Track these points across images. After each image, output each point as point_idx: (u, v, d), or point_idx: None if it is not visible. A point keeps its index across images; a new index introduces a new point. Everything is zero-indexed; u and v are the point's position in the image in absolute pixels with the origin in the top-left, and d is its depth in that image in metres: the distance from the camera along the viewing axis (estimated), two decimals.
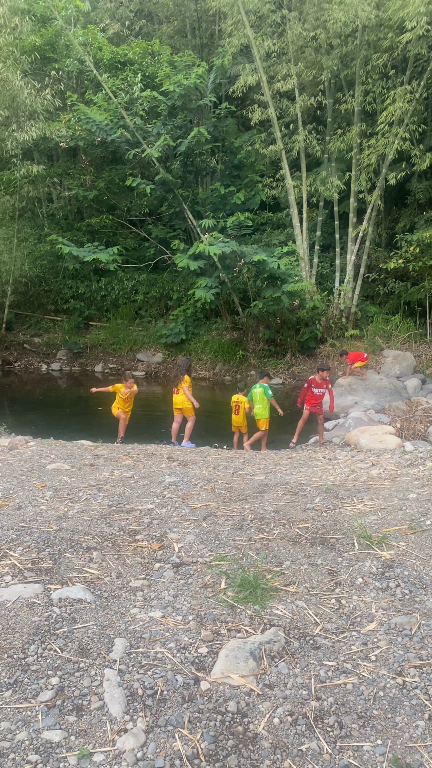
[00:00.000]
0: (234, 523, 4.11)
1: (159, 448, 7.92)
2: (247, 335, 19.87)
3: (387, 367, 17.57)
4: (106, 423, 13.80)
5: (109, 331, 21.52)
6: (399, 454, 6.84)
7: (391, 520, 4.01)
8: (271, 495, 4.86)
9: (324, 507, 4.42)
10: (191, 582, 3.23)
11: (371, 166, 18.01)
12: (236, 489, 5.09)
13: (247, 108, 19.83)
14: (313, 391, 10.24)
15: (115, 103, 17.56)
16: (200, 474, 5.70)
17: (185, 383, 9.85)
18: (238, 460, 7.07)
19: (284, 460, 7.44)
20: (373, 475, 5.46)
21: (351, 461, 6.82)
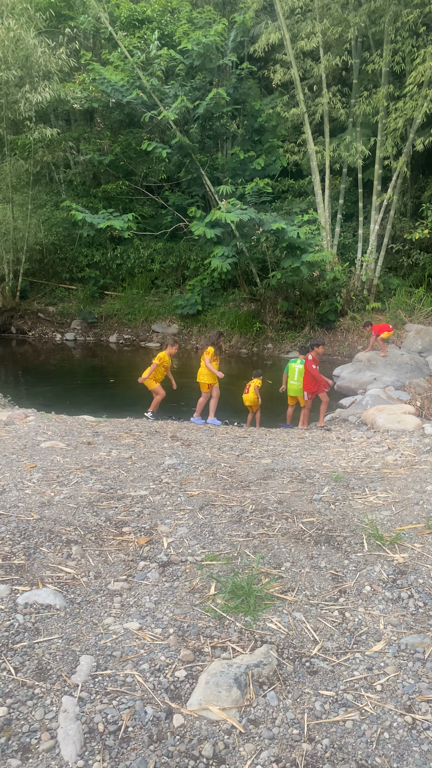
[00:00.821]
0: (232, 514, 3.75)
1: (164, 426, 7.57)
2: (265, 307, 19.34)
3: (409, 341, 16.98)
4: (117, 395, 13.53)
5: (124, 300, 21.12)
6: (418, 437, 6.41)
7: (405, 517, 3.61)
8: (276, 482, 4.48)
9: (332, 498, 4.03)
10: (177, 586, 2.88)
11: (398, 131, 17.16)
12: (239, 474, 4.72)
13: (269, 68, 18.96)
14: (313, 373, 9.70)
15: (131, 62, 16.85)
16: (203, 456, 5.34)
17: (207, 354, 9.40)
18: (246, 440, 6.69)
19: (295, 441, 7.05)
20: (389, 462, 5.05)
21: (366, 444, 6.41)
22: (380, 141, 17.97)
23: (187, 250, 21.21)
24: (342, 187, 19.52)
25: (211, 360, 9.28)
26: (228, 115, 19.62)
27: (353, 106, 18.05)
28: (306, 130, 18.35)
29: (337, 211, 19.63)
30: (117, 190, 21.51)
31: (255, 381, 10.10)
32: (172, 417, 9.96)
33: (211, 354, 9.33)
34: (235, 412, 11.35)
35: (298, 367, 9.89)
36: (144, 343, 20.08)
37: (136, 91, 16.74)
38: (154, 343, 19.94)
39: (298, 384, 9.78)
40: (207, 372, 9.36)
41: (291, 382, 9.88)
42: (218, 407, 10.14)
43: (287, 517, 3.70)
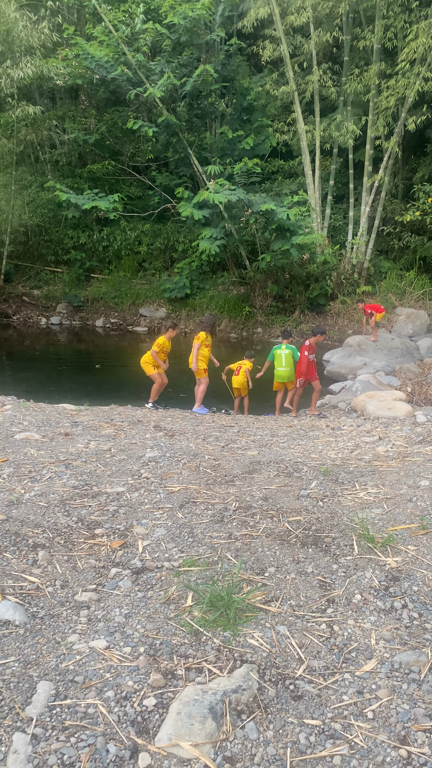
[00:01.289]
0: (214, 513, 3.51)
1: (147, 415, 7.31)
2: (255, 290, 19.04)
3: (399, 325, 16.78)
4: (103, 381, 13.24)
5: (111, 283, 20.74)
6: (409, 425, 6.19)
7: (398, 515, 3.39)
8: (262, 476, 4.25)
9: (321, 494, 3.80)
10: (151, 596, 2.64)
11: (389, 110, 16.80)
12: (224, 467, 4.48)
13: (258, 44, 18.46)
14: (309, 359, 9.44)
15: (116, 37, 16.33)
16: (186, 447, 5.10)
17: (197, 340, 9.03)
18: (233, 430, 6.45)
19: (284, 429, 6.82)
20: (380, 453, 4.83)
21: (356, 433, 6.19)
22: (371, 120, 17.61)
23: (175, 232, 20.82)
24: (332, 167, 19.17)
25: (201, 346, 8.95)
26: (216, 94, 19.14)
27: (344, 84, 17.65)
28: (296, 109, 17.94)
29: (328, 192, 19.29)
30: (103, 170, 21.03)
31: (246, 363, 9.80)
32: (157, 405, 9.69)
33: (201, 340, 8.98)
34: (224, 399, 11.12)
35: (284, 352, 9.60)
36: (131, 327, 19.76)
37: (121, 67, 16.24)
38: (141, 327, 19.63)
39: (286, 370, 9.50)
40: (201, 358, 9.02)
41: (278, 369, 9.59)
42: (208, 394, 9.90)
43: (272, 515, 3.46)
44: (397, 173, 20.51)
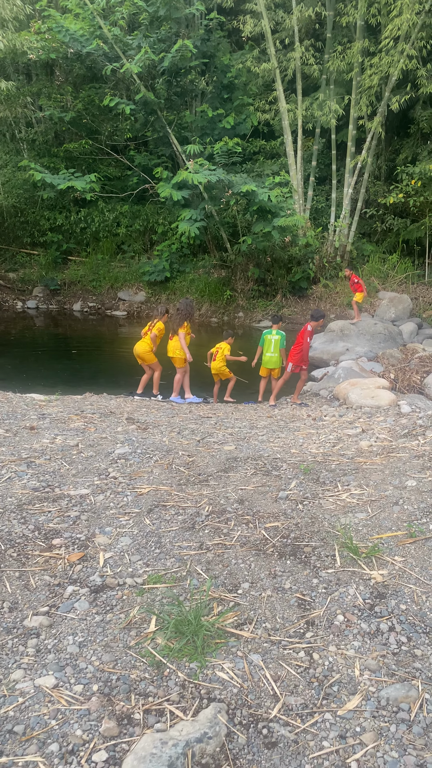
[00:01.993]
0: (185, 519, 3.23)
1: (121, 405, 6.99)
2: (236, 274, 18.67)
3: (382, 309, 16.57)
4: (80, 368, 12.86)
5: (89, 266, 20.23)
6: (393, 416, 5.95)
7: (384, 521, 3.13)
8: (238, 475, 3.97)
9: (301, 496, 3.54)
10: (110, 620, 2.36)
11: (373, 89, 16.42)
12: (198, 465, 4.20)
13: (238, 19, 17.92)
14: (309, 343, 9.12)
15: (91, 9, 15.70)
16: (159, 442, 4.80)
17: (183, 330, 8.64)
18: (210, 421, 6.16)
19: (263, 420, 6.54)
20: (363, 448, 4.57)
21: (338, 424, 5.93)
22: (354, 100, 17.23)
23: (154, 213, 20.32)
24: (315, 148, 18.78)
25: (185, 335, 8.59)
26: (196, 71, 18.61)
27: (327, 62, 17.21)
28: (277, 87, 17.49)
29: (310, 173, 18.91)
30: (80, 149, 20.38)
31: (224, 345, 9.39)
32: (132, 393, 9.37)
33: (187, 330, 8.62)
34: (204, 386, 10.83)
35: (273, 338, 9.27)
36: (110, 311, 19.33)
37: (96, 41, 15.65)
38: (120, 311, 19.21)
39: (274, 356, 9.23)
40: (180, 347, 8.63)
41: (267, 354, 9.27)
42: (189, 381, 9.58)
43: (248, 521, 3.19)
44: (380, 155, 20.17)
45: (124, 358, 13.82)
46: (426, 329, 15.52)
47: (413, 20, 14.76)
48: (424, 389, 9.89)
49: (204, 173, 14.64)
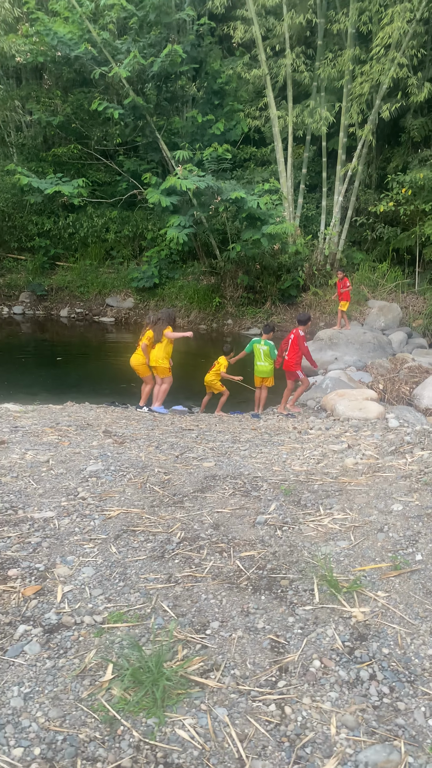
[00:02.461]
0: (155, 546, 3.01)
1: (100, 416, 6.75)
2: (225, 281, 18.50)
3: (372, 318, 16.44)
4: (64, 375, 12.63)
5: (77, 272, 20.01)
6: (380, 430, 5.76)
7: (367, 550, 2.92)
8: (215, 495, 3.75)
9: (280, 521, 3.32)
10: (62, 666, 2.13)
11: (363, 97, 16.34)
12: (174, 483, 3.98)
13: (229, 25, 17.81)
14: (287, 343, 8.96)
15: (80, 12, 15.53)
16: (135, 458, 4.58)
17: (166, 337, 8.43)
18: (191, 434, 5.93)
19: (247, 433, 6.32)
20: (348, 466, 4.37)
21: (324, 438, 5.73)
22: (345, 107, 17.14)
23: (144, 219, 20.16)
24: (305, 155, 18.67)
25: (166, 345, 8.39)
26: (187, 77, 18.50)
27: (317, 69, 17.11)
28: (268, 94, 17.38)
29: (300, 181, 18.79)
30: (69, 154, 20.20)
31: (221, 360, 9.20)
32: (115, 402, 9.14)
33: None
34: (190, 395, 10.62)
35: (262, 348, 9.06)
36: (97, 317, 19.10)
37: (85, 44, 15.47)
38: (108, 317, 18.98)
39: (266, 365, 9.06)
40: (164, 355, 8.39)
41: (258, 364, 9.09)
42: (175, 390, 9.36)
43: (222, 549, 2.98)
44: (371, 163, 20.11)
45: (110, 365, 13.61)
46: (415, 338, 15.40)
47: (404, 28, 14.70)
48: (413, 400, 9.73)
49: (193, 179, 14.48)
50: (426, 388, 9.79)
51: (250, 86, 18.92)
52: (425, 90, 15.38)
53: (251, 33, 17.02)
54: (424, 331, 16.20)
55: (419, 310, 17.37)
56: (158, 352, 8.26)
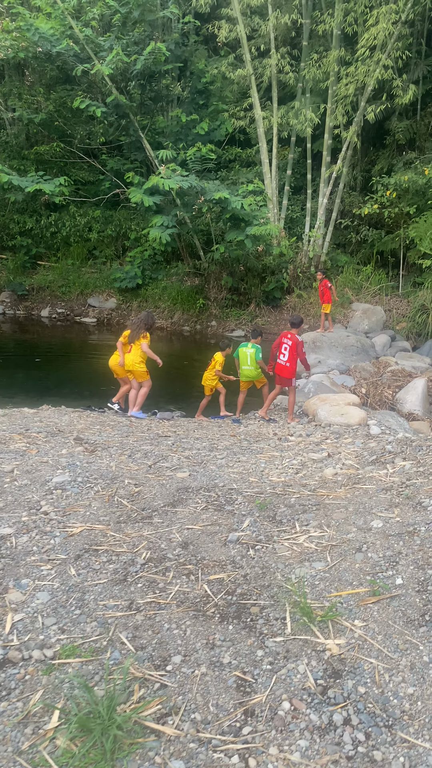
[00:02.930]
0: (117, 568, 2.80)
1: (74, 422, 6.52)
2: (209, 282, 18.29)
3: (355, 321, 16.34)
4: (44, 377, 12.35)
5: (58, 272, 19.70)
6: (362, 437, 5.59)
7: (344, 572, 2.74)
8: (187, 510, 3.55)
9: (253, 538, 3.13)
10: (3, 711, 1.93)
11: (349, 98, 16.24)
12: (144, 496, 3.77)
13: (213, 23, 17.63)
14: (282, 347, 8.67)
15: (62, 8, 15.26)
16: (106, 468, 4.36)
17: (145, 339, 8.17)
18: (167, 441, 5.72)
19: (226, 440, 6.12)
20: (327, 477, 4.19)
21: (304, 445, 5.55)
22: (330, 109, 17.03)
23: (127, 219, 19.91)
24: (290, 157, 18.55)
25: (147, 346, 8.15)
26: (171, 76, 18.29)
27: (303, 70, 16.99)
28: (253, 94, 17.22)
29: (285, 182, 18.66)
30: (51, 152, 19.89)
31: (217, 357, 8.95)
32: (91, 407, 8.90)
33: (148, 339, 8.18)
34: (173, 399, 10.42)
35: (249, 351, 8.88)
36: (79, 317, 18.82)
37: (67, 41, 15.19)
38: (89, 318, 18.70)
39: (251, 369, 8.87)
40: (139, 359, 8.16)
41: (244, 367, 8.90)
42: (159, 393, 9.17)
43: (190, 571, 2.78)
44: (356, 165, 20.04)
45: (91, 366, 13.35)
46: (399, 342, 15.32)
47: (389, 30, 14.60)
48: (395, 405, 9.61)
49: (176, 179, 14.26)
50: (409, 392, 9.68)
51: (234, 86, 18.76)
52: (410, 92, 15.31)
53: (236, 32, 16.86)
54: (407, 334, 16.14)
55: (403, 313, 17.30)
56: (134, 356, 8.03)
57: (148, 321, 8.11)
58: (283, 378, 8.55)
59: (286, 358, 8.40)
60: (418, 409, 9.31)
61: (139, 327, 8.03)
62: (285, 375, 8.49)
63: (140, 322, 8.07)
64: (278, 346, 8.54)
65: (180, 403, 10.43)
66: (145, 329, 8.04)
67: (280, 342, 8.49)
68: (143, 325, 8.04)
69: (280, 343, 8.49)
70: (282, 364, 8.43)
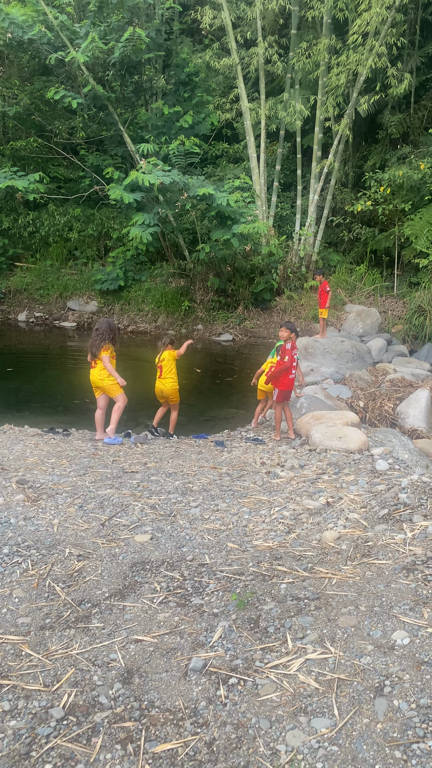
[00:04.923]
0: (20, 729, 1.88)
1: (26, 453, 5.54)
2: (195, 284, 17.36)
3: (349, 324, 15.47)
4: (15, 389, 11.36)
5: (37, 273, 18.71)
6: (367, 474, 4.68)
7: (360, 745, 1.81)
8: (140, 603, 2.63)
9: (226, 665, 2.22)
10: None
11: (340, 88, 15.36)
12: (87, 578, 2.85)
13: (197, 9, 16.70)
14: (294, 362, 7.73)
15: None
16: (46, 527, 3.43)
17: (106, 352, 7.21)
18: (132, 481, 4.77)
19: (204, 475, 5.18)
20: (328, 542, 3.28)
21: (296, 484, 4.64)
22: (321, 101, 16.15)
23: (109, 217, 18.95)
24: (279, 152, 17.66)
25: (110, 358, 7.16)
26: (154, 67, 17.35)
27: (292, 59, 16.10)
28: (239, 85, 16.31)
29: (274, 178, 17.77)
30: (29, 148, 18.88)
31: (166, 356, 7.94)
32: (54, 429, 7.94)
33: (110, 353, 7.18)
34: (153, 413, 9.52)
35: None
36: (58, 322, 17.85)
37: (39, 26, 14.20)
38: (69, 322, 17.74)
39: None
40: (106, 374, 7.19)
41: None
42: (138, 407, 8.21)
43: (129, 733, 1.86)
44: (347, 161, 19.18)
45: (67, 376, 12.40)
46: (395, 345, 14.49)
47: (383, 15, 13.73)
48: (396, 419, 8.74)
49: (157, 174, 13.34)
50: (410, 405, 8.83)
51: (220, 77, 17.84)
52: (405, 82, 14.45)
53: (221, 19, 15.93)
54: (403, 337, 15.31)
55: (398, 314, 16.46)
56: (101, 369, 7.06)
57: (110, 330, 7.13)
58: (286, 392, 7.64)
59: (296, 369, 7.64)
60: (422, 424, 8.45)
61: (101, 338, 7.05)
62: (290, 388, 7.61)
63: (101, 333, 7.10)
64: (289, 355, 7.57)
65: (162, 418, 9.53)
66: (108, 340, 7.07)
67: (291, 355, 7.51)
68: (105, 335, 7.06)
69: (292, 356, 7.52)
70: (292, 379, 7.54)
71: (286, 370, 7.45)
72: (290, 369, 7.49)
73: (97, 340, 7.06)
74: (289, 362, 7.47)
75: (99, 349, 7.05)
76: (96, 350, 7.08)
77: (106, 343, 7.04)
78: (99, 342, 7.04)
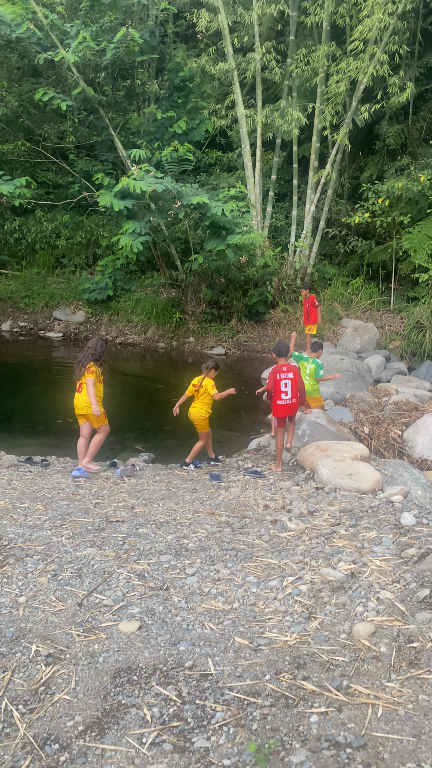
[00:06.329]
0: None
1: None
2: (187, 295, 16.74)
3: (346, 339, 14.93)
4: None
5: (22, 281, 18.05)
6: (391, 531, 4.02)
7: None
8: (126, 739, 1.97)
9: None
10: None
11: (339, 96, 14.87)
12: (55, 693, 2.18)
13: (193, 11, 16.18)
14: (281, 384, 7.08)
15: None
16: (10, 606, 2.76)
17: (91, 375, 6.43)
18: (118, 535, 4.07)
19: (201, 524, 4.49)
20: (361, 641, 2.63)
21: (309, 540, 3.99)
22: (319, 109, 15.66)
23: (99, 225, 18.34)
24: (275, 161, 17.14)
25: (96, 381, 6.45)
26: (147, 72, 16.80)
27: (290, 66, 15.60)
28: (235, 90, 15.77)
29: (270, 188, 17.24)
30: (16, 151, 18.23)
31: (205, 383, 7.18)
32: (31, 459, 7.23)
33: (96, 375, 6.47)
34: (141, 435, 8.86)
35: (309, 366, 8.21)
36: (43, 332, 17.16)
37: (27, 24, 13.58)
38: (55, 332, 17.06)
39: (310, 384, 8.09)
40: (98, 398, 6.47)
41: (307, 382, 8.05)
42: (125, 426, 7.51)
43: None
44: (344, 171, 18.70)
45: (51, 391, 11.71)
46: (394, 362, 13.95)
47: (386, 21, 13.26)
48: (404, 448, 8.14)
49: (149, 181, 12.73)
50: (418, 432, 8.24)
51: (216, 83, 17.31)
52: (408, 90, 13.98)
53: (217, 23, 15.41)
54: (401, 354, 14.77)
55: (396, 330, 15.92)
56: (85, 395, 6.36)
57: (97, 350, 6.44)
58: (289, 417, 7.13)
59: (290, 395, 6.98)
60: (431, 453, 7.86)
61: (88, 358, 6.38)
62: (293, 413, 7.14)
63: (89, 352, 6.42)
64: (274, 385, 7.01)
65: (151, 441, 8.86)
66: (96, 360, 6.39)
67: (277, 380, 6.96)
68: (90, 355, 6.38)
69: (277, 380, 6.96)
70: (286, 403, 6.96)
71: (275, 395, 7.05)
72: (278, 394, 6.94)
73: (84, 359, 6.39)
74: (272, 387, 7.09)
75: (83, 370, 6.37)
76: (80, 370, 6.40)
77: (92, 364, 6.35)
78: (85, 361, 6.36)
